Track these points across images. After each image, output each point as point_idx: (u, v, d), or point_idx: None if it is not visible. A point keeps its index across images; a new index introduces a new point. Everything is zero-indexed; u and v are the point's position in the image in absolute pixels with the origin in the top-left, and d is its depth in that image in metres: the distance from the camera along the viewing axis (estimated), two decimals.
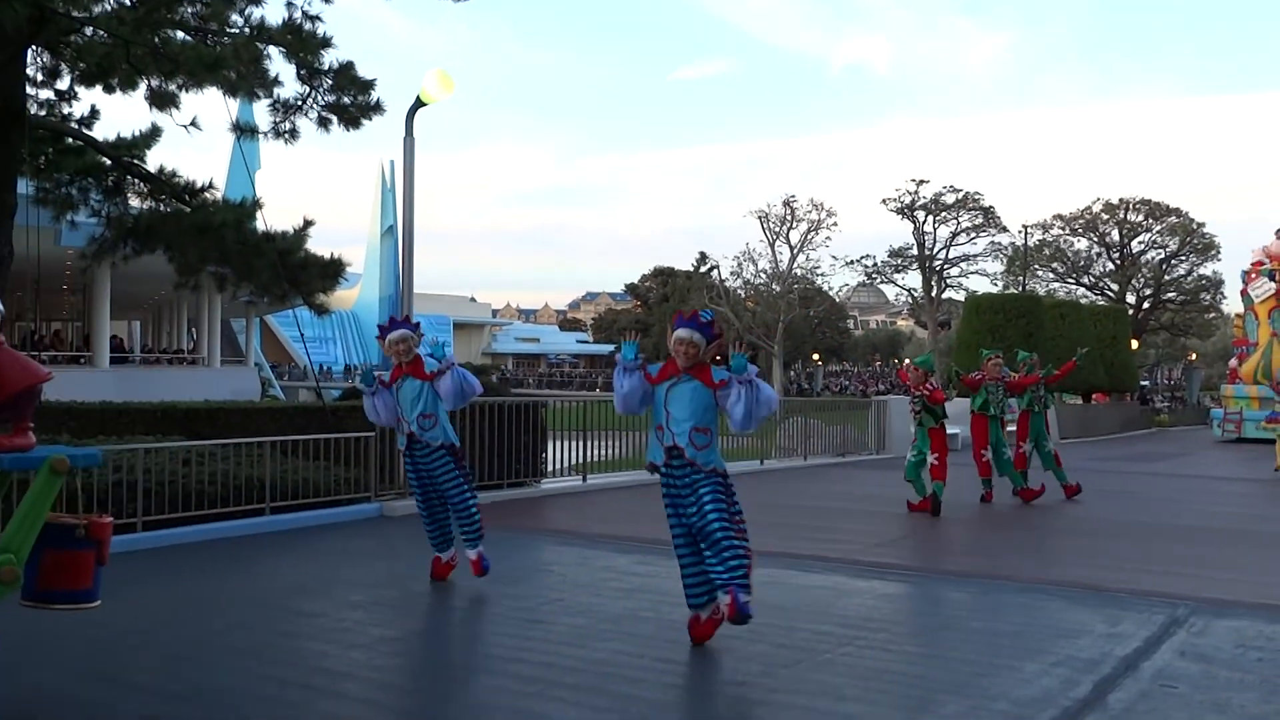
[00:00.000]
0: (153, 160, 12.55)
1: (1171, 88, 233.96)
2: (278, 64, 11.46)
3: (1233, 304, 35.43)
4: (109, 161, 12.07)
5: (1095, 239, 65.23)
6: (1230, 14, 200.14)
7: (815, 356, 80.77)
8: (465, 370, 7.25)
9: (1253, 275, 30.85)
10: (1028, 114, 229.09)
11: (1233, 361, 33.18)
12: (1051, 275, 66.18)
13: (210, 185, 12.32)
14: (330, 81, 11.54)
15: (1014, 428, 13.61)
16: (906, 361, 13.40)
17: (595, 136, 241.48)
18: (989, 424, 12.77)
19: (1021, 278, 58.13)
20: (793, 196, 61.14)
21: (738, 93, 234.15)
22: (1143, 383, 47.22)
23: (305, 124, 11.85)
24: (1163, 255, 64.60)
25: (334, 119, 11.80)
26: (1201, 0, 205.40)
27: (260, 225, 11.93)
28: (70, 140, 12.04)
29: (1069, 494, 13.15)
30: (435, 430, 7.26)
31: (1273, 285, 30.42)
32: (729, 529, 5.56)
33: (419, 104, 11.69)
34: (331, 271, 12.52)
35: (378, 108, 11.84)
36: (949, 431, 12.31)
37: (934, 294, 64.06)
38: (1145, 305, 65.17)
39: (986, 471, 12.78)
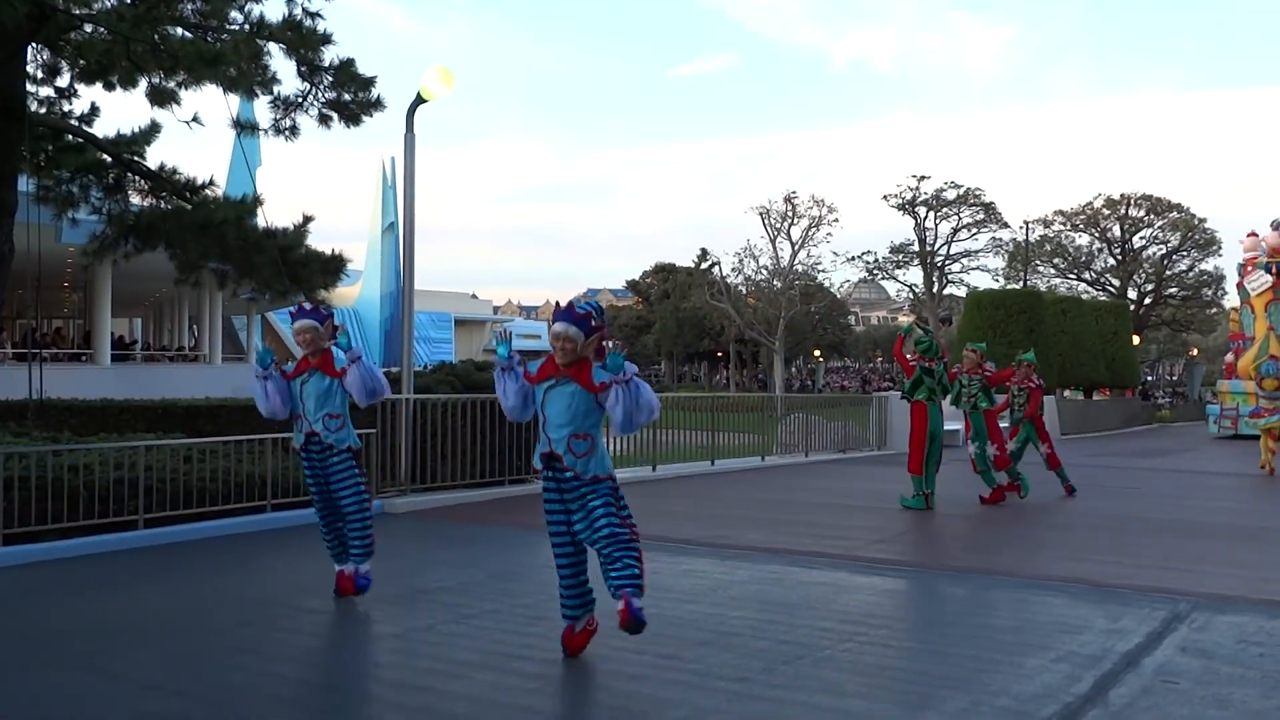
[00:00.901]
0: (153, 157, 12.56)
1: (1173, 83, 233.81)
2: (278, 61, 11.47)
3: (1234, 299, 34.89)
4: (109, 159, 12.07)
5: (1096, 234, 65.20)
6: (1232, 8, 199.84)
7: (816, 353, 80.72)
8: (374, 366, 6.72)
9: (1249, 268, 30.68)
10: (1029, 109, 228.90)
11: (1229, 356, 32.69)
12: (1053, 271, 66.17)
13: (211, 182, 12.32)
14: (331, 78, 11.53)
15: (1005, 424, 13.50)
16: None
17: (597, 132, 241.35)
18: (969, 419, 12.67)
19: (1023, 273, 58.10)
20: (794, 193, 61.09)
21: (740, 88, 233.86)
22: (1146, 378, 46.97)
23: (306, 121, 11.85)
24: (1164, 251, 64.57)
25: (334, 116, 11.80)
26: None
27: (261, 222, 11.93)
28: (70, 137, 12.03)
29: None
30: (343, 432, 6.75)
31: (1269, 278, 29.98)
32: (619, 535, 5.25)
33: (419, 100, 11.68)
34: (332, 268, 12.52)
35: (378, 104, 11.84)
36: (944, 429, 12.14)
37: (935, 290, 64.06)
38: (1147, 301, 65.15)
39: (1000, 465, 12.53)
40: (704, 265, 75.52)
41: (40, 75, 12.12)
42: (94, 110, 12.73)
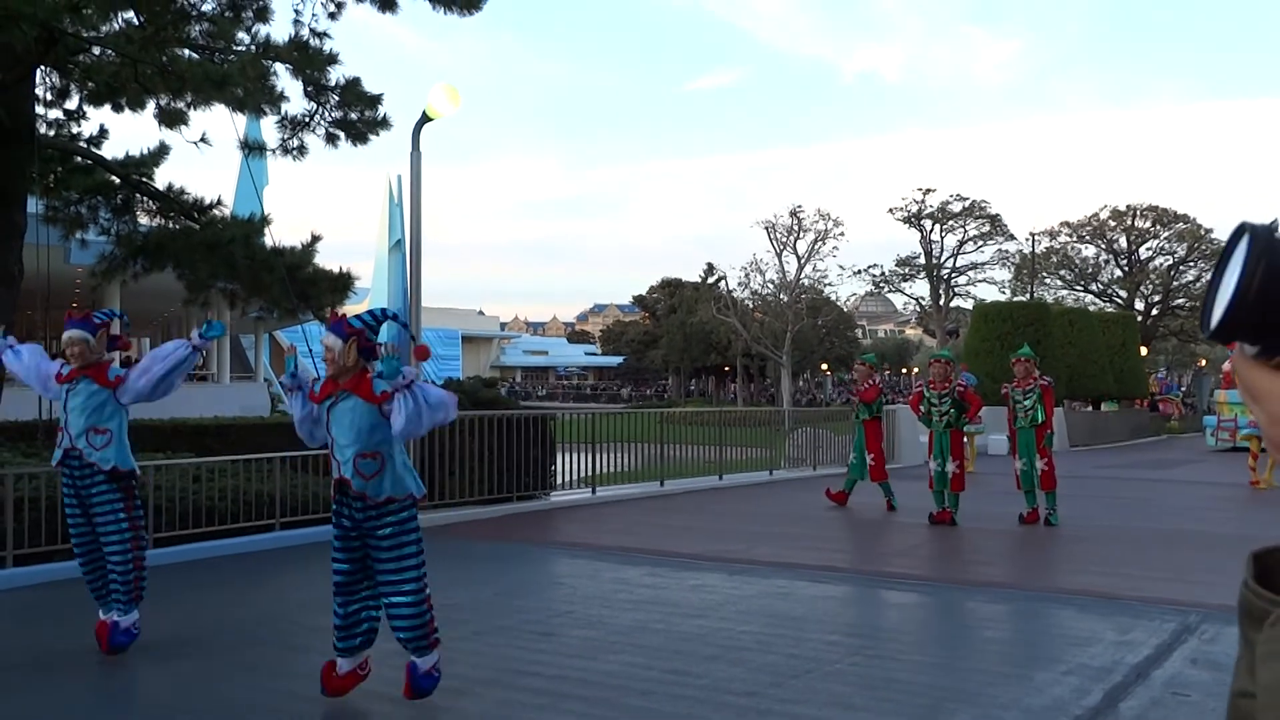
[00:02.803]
0: (160, 178, 12.63)
1: (1180, 94, 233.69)
2: (284, 80, 11.54)
3: None
4: (118, 180, 12.14)
5: (1103, 246, 65.12)
6: (1238, 19, 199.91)
7: (824, 366, 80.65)
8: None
9: None
10: (1036, 121, 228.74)
11: (1226, 365, 32.08)
12: (1059, 282, 66.07)
13: (219, 202, 12.38)
14: (337, 97, 11.60)
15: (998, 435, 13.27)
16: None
17: (603, 148, 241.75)
18: (935, 437, 11.64)
19: (1029, 285, 58.04)
20: (799, 207, 61.15)
21: (748, 102, 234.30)
22: (1176, 389, 46.38)
23: (313, 140, 11.92)
24: (1171, 261, 64.46)
25: (341, 134, 11.85)
26: (1211, 6, 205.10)
27: (269, 241, 11.99)
28: (79, 159, 12.11)
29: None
30: (108, 450, 5.85)
31: None
32: (406, 581, 4.85)
33: (425, 119, 11.75)
34: (341, 285, 12.57)
35: (384, 123, 11.90)
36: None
37: (942, 302, 64.02)
38: (1154, 312, 65.02)
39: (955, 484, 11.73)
40: (711, 280, 75.54)
41: (49, 98, 12.20)
42: (103, 132, 12.82)
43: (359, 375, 4.89)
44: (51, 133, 12.21)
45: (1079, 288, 65.93)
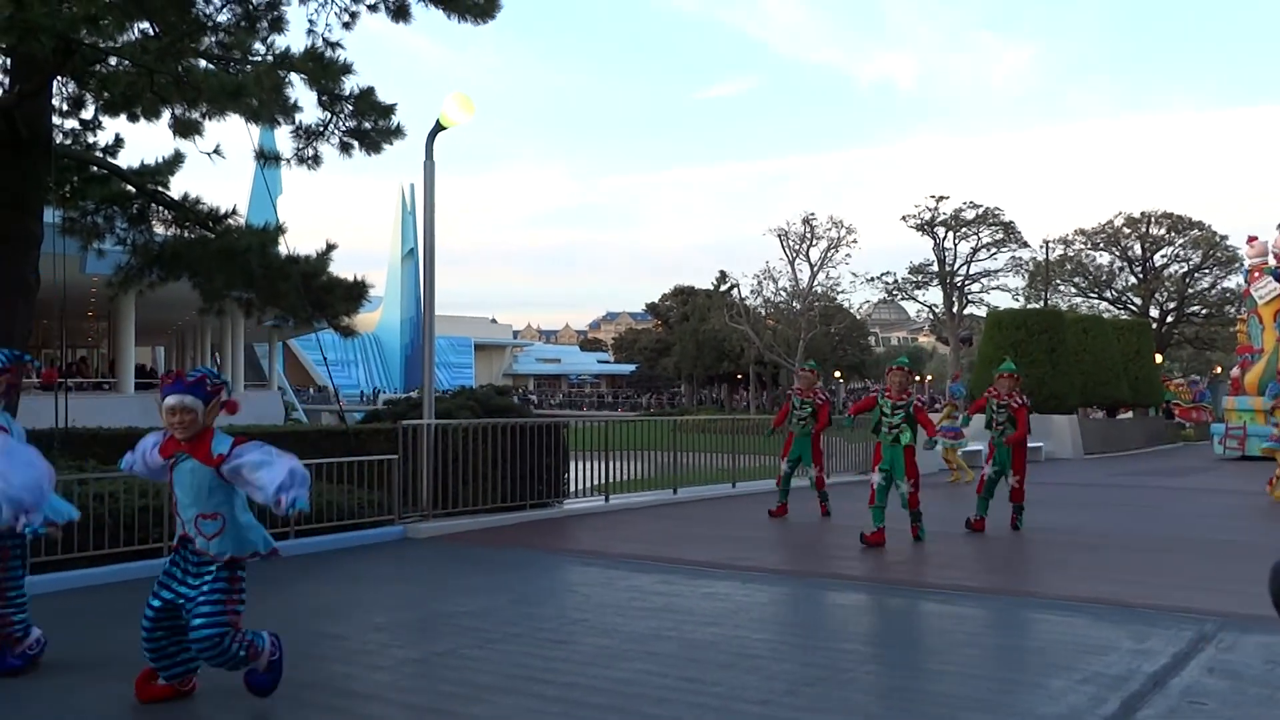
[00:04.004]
0: (175, 187, 12.71)
1: (1195, 101, 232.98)
2: (299, 90, 11.60)
3: None
4: (134, 189, 12.21)
5: (1117, 253, 64.97)
6: (1254, 25, 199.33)
7: (837, 374, 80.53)
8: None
9: (1256, 274, 28.38)
10: (1050, 128, 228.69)
11: (1235, 370, 30.13)
12: (1073, 290, 65.92)
13: (234, 211, 12.45)
14: (351, 107, 11.65)
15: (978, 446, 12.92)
16: (799, 368, 12.01)
17: (617, 156, 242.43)
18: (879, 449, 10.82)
19: (1044, 293, 57.88)
20: (812, 214, 61.08)
21: (761, 110, 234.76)
22: (1199, 398, 45.71)
23: (327, 150, 11.97)
24: (1186, 268, 64.25)
25: (355, 144, 11.91)
26: (1226, 13, 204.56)
27: (283, 250, 12.04)
28: (95, 168, 12.19)
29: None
30: None
31: (1278, 285, 27.54)
32: (214, 639, 4.76)
33: (439, 128, 11.79)
34: (355, 293, 12.63)
35: (398, 132, 11.94)
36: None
37: (955, 310, 63.88)
38: (1169, 319, 64.78)
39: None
40: (723, 288, 75.57)
41: (65, 108, 12.29)
42: (118, 141, 12.91)
43: (202, 436, 4.87)
44: (68, 142, 12.30)
45: (1093, 295, 65.79)
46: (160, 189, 12.43)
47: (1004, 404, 11.31)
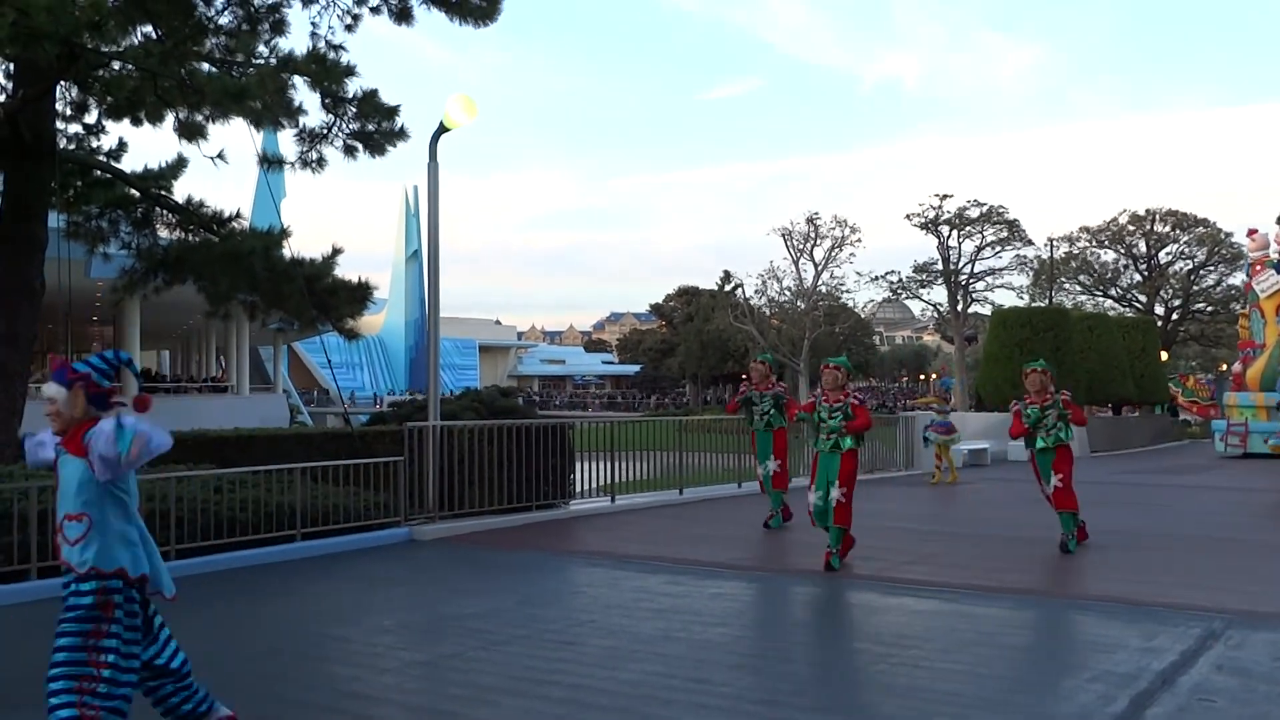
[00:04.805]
0: (180, 191, 12.73)
1: (1199, 99, 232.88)
2: (302, 93, 11.61)
3: None
4: (138, 193, 12.23)
5: (1122, 251, 64.82)
6: (1260, 24, 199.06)
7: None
8: None
9: (1257, 268, 28.11)
10: (1055, 127, 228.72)
11: (1236, 366, 29.65)
12: (1078, 288, 65.77)
13: (238, 215, 12.47)
14: (354, 109, 11.67)
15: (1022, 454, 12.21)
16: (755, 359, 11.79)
17: (621, 157, 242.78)
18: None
19: (1048, 291, 57.77)
20: (816, 214, 61.03)
21: (766, 110, 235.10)
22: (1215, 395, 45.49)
23: (331, 152, 11.98)
24: (1191, 266, 64.11)
25: (359, 146, 11.92)
26: (1230, 11, 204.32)
27: (288, 253, 12.05)
28: (99, 173, 12.21)
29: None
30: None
31: None
32: (71, 666, 4.00)
33: (442, 129, 11.78)
34: (360, 296, 12.64)
35: (402, 134, 11.95)
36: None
37: (960, 308, 63.76)
38: (1174, 316, 64.64)
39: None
40: (727, 288, 75.57)
41: (69, 112, 12.31)
42: (122, 146, 12.93)
43: (78, 428, 4.17)
44: (72, 147, 12.32)
45: (1098, 293, 65.63)
46: (164, 193, 12.46)
47: (1049, 404, 10.26)
